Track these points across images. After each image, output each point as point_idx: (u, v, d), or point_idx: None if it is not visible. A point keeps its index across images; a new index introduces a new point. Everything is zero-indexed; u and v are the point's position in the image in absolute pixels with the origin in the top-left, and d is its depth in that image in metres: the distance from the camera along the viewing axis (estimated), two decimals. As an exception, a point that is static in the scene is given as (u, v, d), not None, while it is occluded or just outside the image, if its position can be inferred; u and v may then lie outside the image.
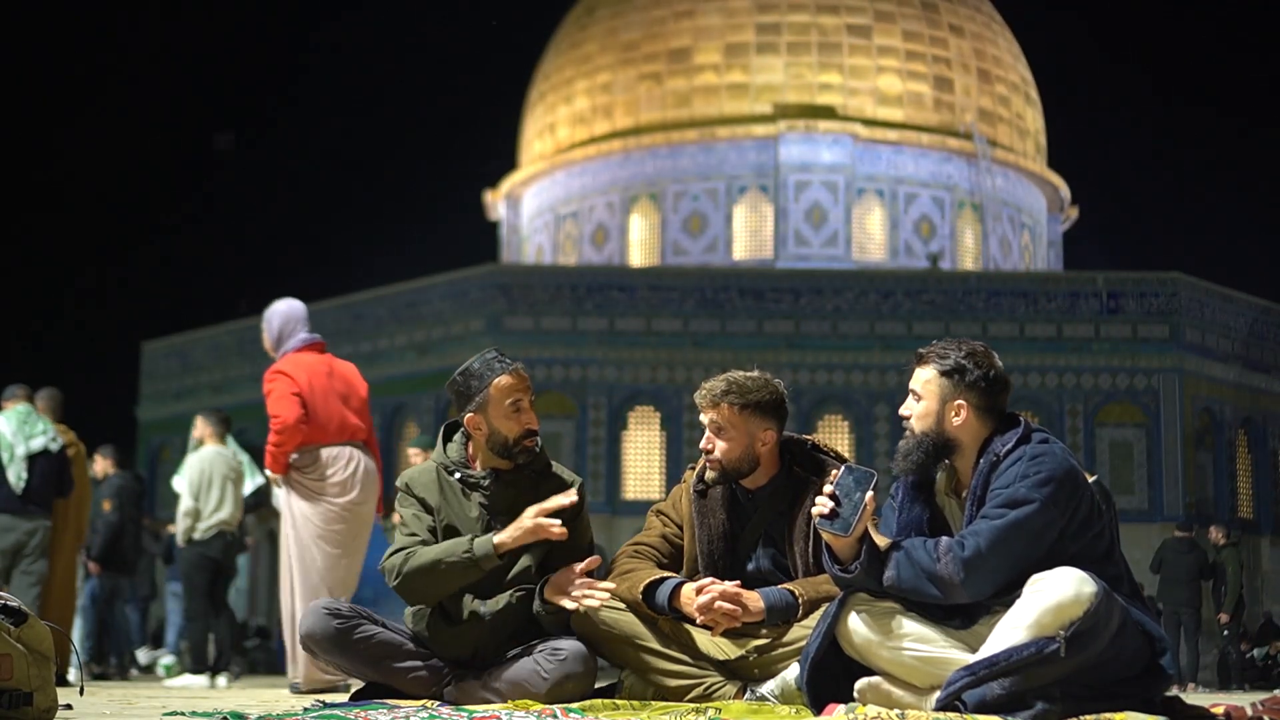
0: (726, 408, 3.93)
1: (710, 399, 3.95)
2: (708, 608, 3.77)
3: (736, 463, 3.95)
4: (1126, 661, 3.28)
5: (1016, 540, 3.29)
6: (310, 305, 7.48)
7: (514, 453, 4.04)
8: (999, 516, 3.31)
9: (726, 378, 3.98)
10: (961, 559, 3.28)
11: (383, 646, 3.99)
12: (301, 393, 6.72)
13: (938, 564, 3.30)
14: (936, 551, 3.32)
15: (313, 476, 6.83)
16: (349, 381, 7.03)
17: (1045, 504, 3.31)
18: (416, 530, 4.05)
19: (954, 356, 3.53)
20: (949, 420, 3.50)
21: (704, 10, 35.31)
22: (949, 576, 3.28)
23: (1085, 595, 3.16)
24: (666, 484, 27.38)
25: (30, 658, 3.24)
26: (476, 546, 3.86)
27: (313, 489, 6.83)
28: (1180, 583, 15.00)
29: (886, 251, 34.75)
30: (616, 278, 30.08)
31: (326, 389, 6.85)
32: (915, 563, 3.33)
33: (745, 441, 3.93)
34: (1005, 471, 3.39)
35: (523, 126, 38.54)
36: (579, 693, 3.87)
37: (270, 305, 7.12)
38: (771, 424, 3.97)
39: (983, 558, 3.27)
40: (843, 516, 3.40)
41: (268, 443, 6.79)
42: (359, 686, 4.21)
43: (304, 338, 6.98)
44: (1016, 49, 37.55)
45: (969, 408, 3.50)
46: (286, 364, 6.84)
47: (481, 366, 4.05)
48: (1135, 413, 27.63)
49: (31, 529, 8.34)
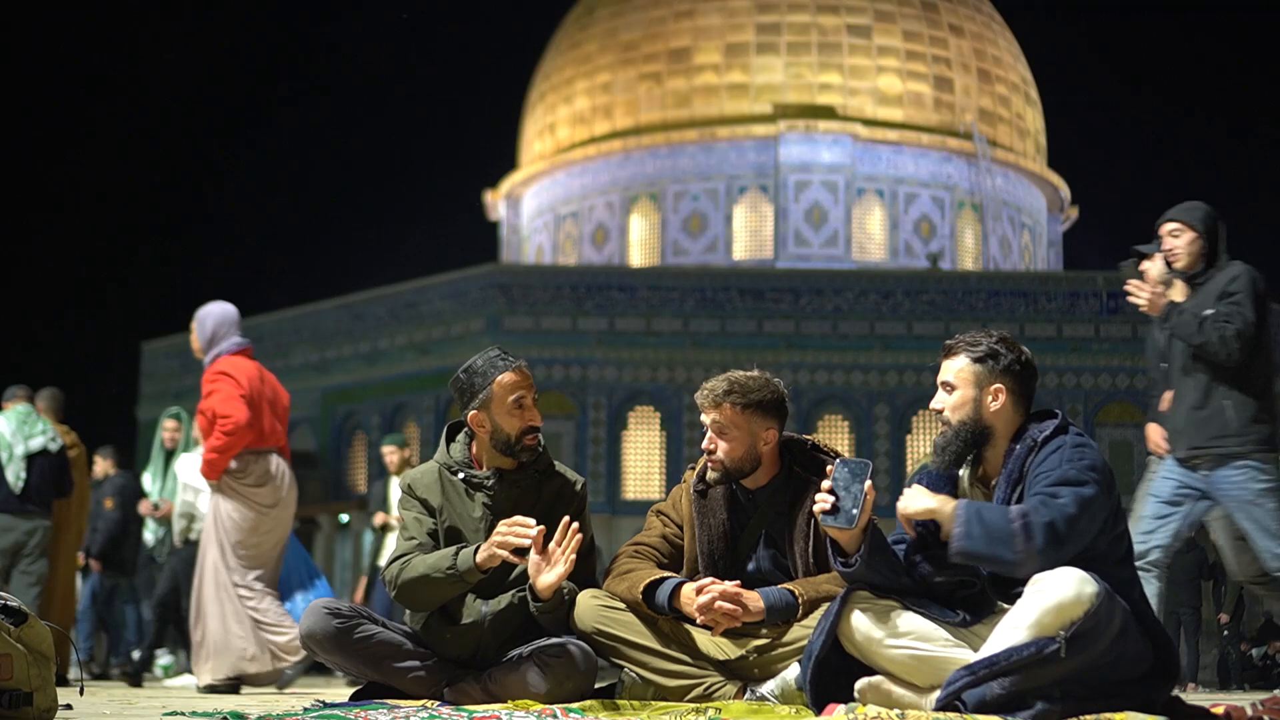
0: (729, 408, 3.93)
1: (713, 399, 3.95)
2: (708, 608, 3.77)
3: (739, 462, 3.95)
4: (1128, 663, 3.28)
5: (1085, 517, 3.27)
6: (310, 305, 7.51)
7: (517, 450, 4.04)
8: (1058, 494, 3.27)
9: (727, 378, 3.98)
10: (1042, 523, 3.21)
11: (383, 646, 3.99)
12: (246, 395, 6.73)
13: (1014, 527, 3.23)
14: (1011, 515, 3.25)
15: (246, 481, 6.83)
16: (275, 388, 7.08)
17: (1098, 488, 3.31)
18: (416, 534, 4.06)
19: (986, 343, 3.54)
20: (987, 406, 3.50)
21: (704, 10, 35.32)
22: (1027, 542, 3.21)
23: (1086, 596, 3.16)
24: (666, 484, 27.39)
25: (30, 658, 3.24)
26: (460, 561, 3.87)
27: (243, 493, 6.82)
28: (1180, 583, 14.97)
29: (886, 251, 34.75)
30: (616, 278, 30.09)
31: (261, 394, 6.88)
32: (988, 525, 3.25)
33: (748, 441, 3.93)
34: (1047, 458, 3.37)
35: (523, 126, 38.55)
36: (579, 693, 3.86)
37: (203, 307, 7.09)
38: (773, 423, 3.97)
39: (1062, 529, 3.23)
40: (844, 510, 3.40)
41: (208, 446, 6.76)
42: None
43: (237, 341, 6.98)
44: (1016, 49, 37.56)
45: (1006, 392, 3.50)
46: (227, 366, 6.84)
47: (485, 364, 4.07)
48: (1135, 412, 27.62)
49: (31, 529, 8.35)
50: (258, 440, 6.81)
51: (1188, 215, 5.68)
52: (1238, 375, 5.48)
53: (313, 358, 31.80)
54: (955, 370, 3.55)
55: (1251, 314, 5.43)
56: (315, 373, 31.69)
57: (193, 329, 7.06)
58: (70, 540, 9.01)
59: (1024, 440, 3.45)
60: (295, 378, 32.10)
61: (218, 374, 6.80)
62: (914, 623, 3.43)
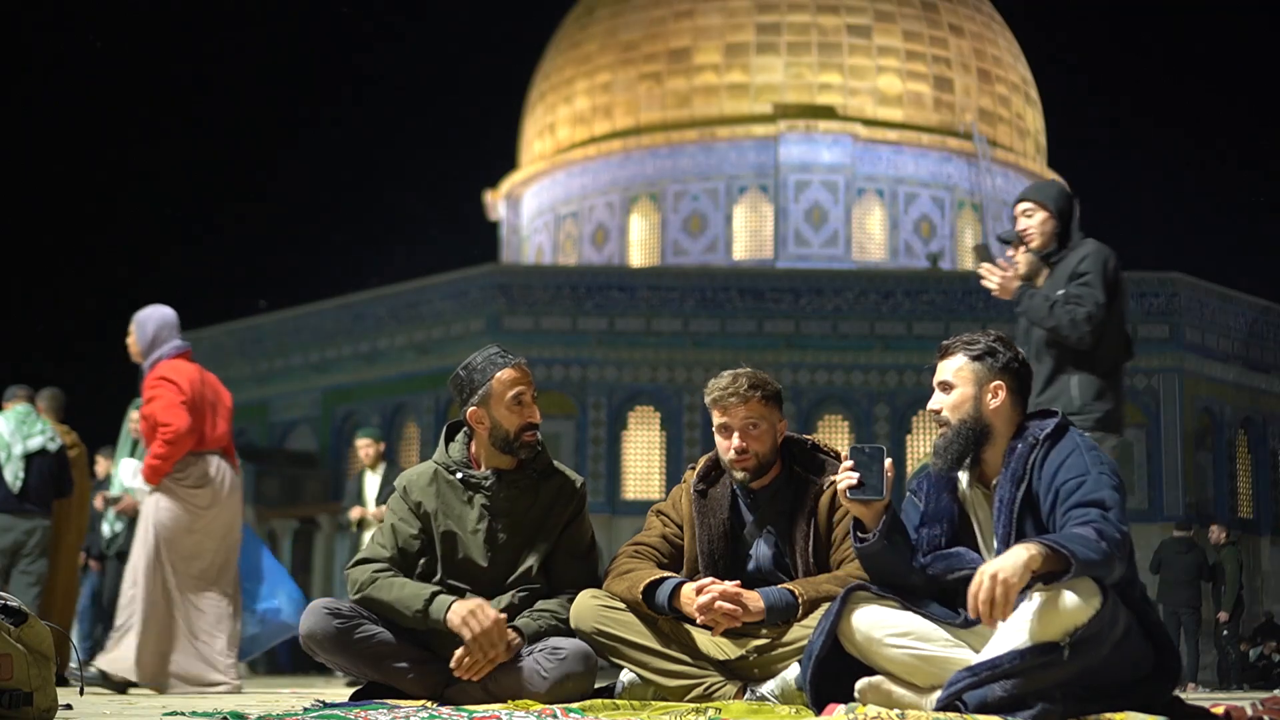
0: (757, 401, 3.94)
1: (741, 395, 3.93)
2: (708, 607, 3.77)
3: (768, 455, 3.96)
4: (1130, 665, 3.27)
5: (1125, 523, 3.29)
6: (310, 305, 7.50)
7: (515, 447, 4.04)
8: (1087, 512, 3.24)
9: (744, 374, 3.98)
10: (1116, 539, 3.19)
11: (383, 646, 3.98)
12: (188, 401, 6.73)
13: (1102, 546, 3.17)
14: (1091, 536, 3.19)
15: (185, 483, 6.82)
16: (218, 390, 7.08)
17: (1121, 493, 3.33)
18: (387, 544, 4.06)
19: (984, 341, 3.55)
20: (986, 404, 3.49)
21: (704, 10, 35.31)
22: (1111, 556, 3.18)
23: (1091, 600, 3.14)
24: (667, 484, 27.37)
25: (30, 658, 3.24)
26: (432, 610, 3.88)
27: (180, 494, 6.81)
28: (1180, 583, 14.99)
29: (886, 251, 34.75)
30: (616, 278, 30.08)
31: (203, 397, 6.88)
32: (1086, 540, 3.17)
33: (773, 434, 3.97)
34: (1065, 459, 3.36)
35: (523, 126, 38.54)
36: (579, 692, 3.86)
37: (142, 310, 7.07)
38: (782, 415, 4.02)
39: (1125, 537, 3.23)
40: (870, 484, 3.42)
41: (151, 453, 6.76)
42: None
43: (177, 345, 6.98)
44: (1016, 49, 37.56)
45: (1006, 390, 3.50)
46: (168, 370, 6.82)
47: (484, 361, 4.07)
48: (1135, 413, 27.60)
49: (30, 528, 8.34)
50: (199, 444, 6.82)
51: (1040, 194, 5.70)
52: (1086, 353, 5.47)
53: (313, 358, 31.79)
54: (954, 369, 3.54)
55: (1101, 295, 5.41)
56: (315, 373, 31.68)
57: (131, 332, 7.02)
58: (71, 540, 9.00)
59: (1024, 438, 3.44)
60: (295, 378, 32.12)
61: (159, 379, 6.78)
62: (914, 623, 3.42)
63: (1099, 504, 3.26)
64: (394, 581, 3.96)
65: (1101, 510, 3.25)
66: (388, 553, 4.05)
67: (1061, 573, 3.12)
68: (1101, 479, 3.30)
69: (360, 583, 3.99)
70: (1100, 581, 3.18)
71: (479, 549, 4.04)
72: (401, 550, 4.06)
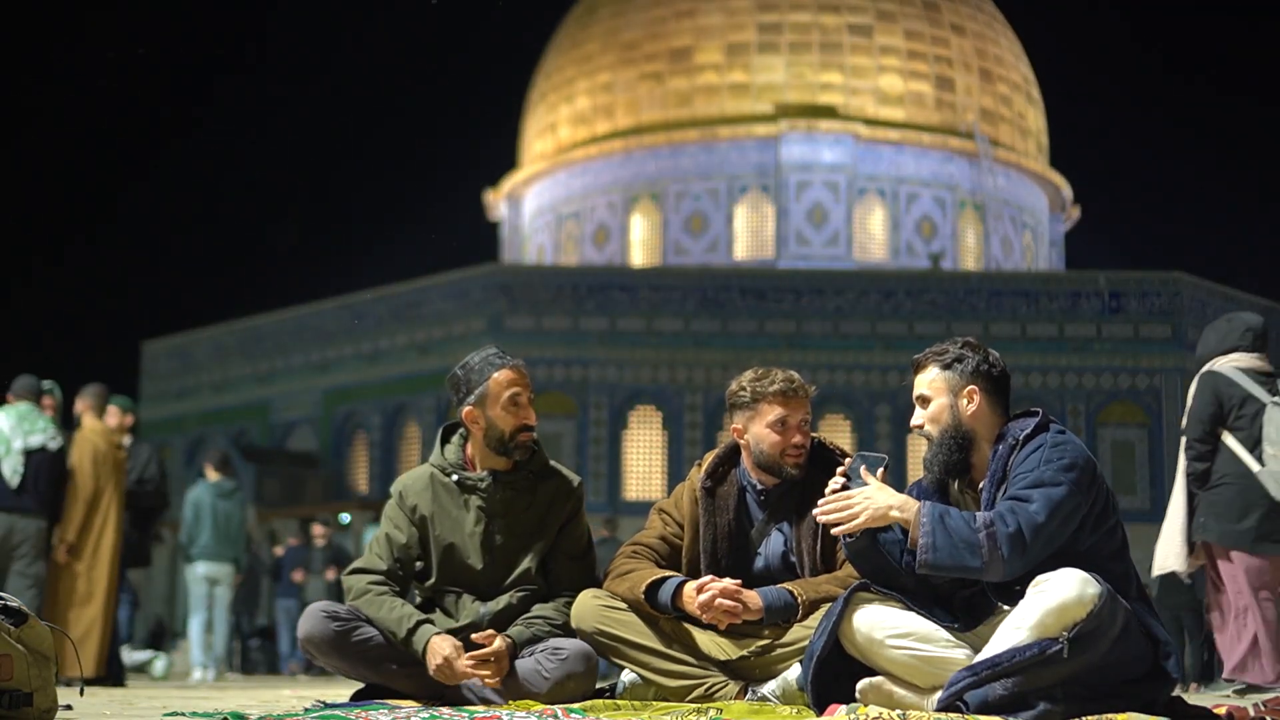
0: (808, 399, 4.02)
1: (803, 392, 3.98)
2: (708, 605, 3.77)
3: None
4: (1130, 664, 3.27)
5: (1054, 521, 3.28)
6: (310, 305, 7.46)
7: (511, 448, 4.03)
8: (1029, 499, 3.29)
9: (783, 373, 4.01)
10: (1007, 534, 3.23)
11: (382, 649, 3.97)
12: None
13: (979, 537, 3.24)
14: (976, 524, 3.27)
15: None
16: None
17: (1073, 488, 3.32)
18: (383, 554, 4.06)
19: (952, 350, 3.59)
20: (963, 410, 3.51)
21: (705, 10, 35.31)
22: (992, 551, 3.23)
23: (1089, 596, 3.15)
24: (668, 484, 27.39)
25: (30, 658, 3.23)
26: (414, 642, 3.90)
27: None
28: (1181, 585, 14.97)
29: (888, 251, 34.75)
30: (618, 277, 30.09)
31: None
32: (953, 533, 3.26)
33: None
34: (1027, 457, 3.39)
35: (524, 126, 38.55)
36: (580, 692, 3.86)
37: None
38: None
39: (1027, 537, 3.24)
40: (854, 481, 3.47)
41: None
42: None
43: None
44: (1018, 48, 37.55)
45: (980, 393, 3.52)
46: None
47: (481, 361, 4.07)
48: (1137, 412, 27.62)
49: (25, 525, 8.17)
50: None
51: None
52: None
53: (313, 358, 31.80)
54: (928, 381, 3.58)
55: None
56: (315, 373, 31.69)
57: None
58: (111, 538, 8.88)
59: (1005, 440, 3.47)
60: (295, 378, 32.13)
61: None
62: (915, 623, 3.42)
63: (1022, 498, 3.30)
64: (382, 601, 3.97)
65: (1016, 503, 3.29)
66: (384, 564, 4.04)
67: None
68: (1043, 473, 3.33)
69: (355, 591, 4.01)
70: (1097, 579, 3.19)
71: (476, 552, 4.03)
72: (398, 560, 4.05)
